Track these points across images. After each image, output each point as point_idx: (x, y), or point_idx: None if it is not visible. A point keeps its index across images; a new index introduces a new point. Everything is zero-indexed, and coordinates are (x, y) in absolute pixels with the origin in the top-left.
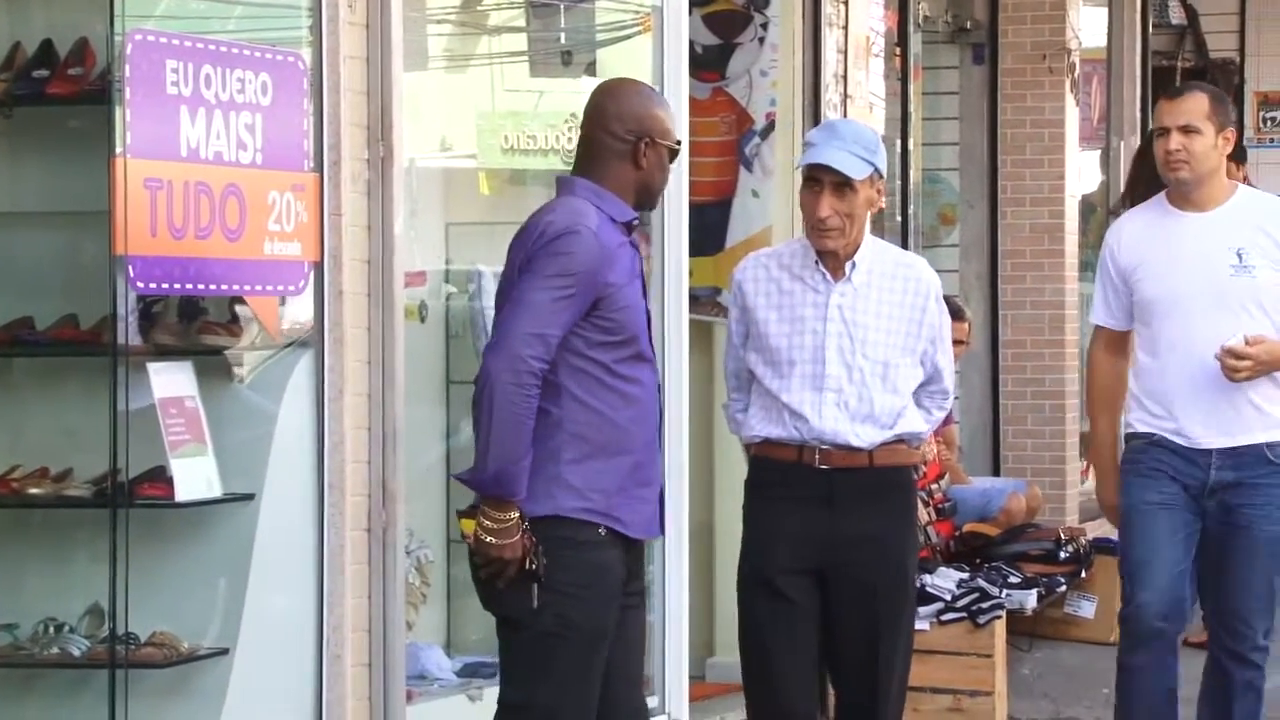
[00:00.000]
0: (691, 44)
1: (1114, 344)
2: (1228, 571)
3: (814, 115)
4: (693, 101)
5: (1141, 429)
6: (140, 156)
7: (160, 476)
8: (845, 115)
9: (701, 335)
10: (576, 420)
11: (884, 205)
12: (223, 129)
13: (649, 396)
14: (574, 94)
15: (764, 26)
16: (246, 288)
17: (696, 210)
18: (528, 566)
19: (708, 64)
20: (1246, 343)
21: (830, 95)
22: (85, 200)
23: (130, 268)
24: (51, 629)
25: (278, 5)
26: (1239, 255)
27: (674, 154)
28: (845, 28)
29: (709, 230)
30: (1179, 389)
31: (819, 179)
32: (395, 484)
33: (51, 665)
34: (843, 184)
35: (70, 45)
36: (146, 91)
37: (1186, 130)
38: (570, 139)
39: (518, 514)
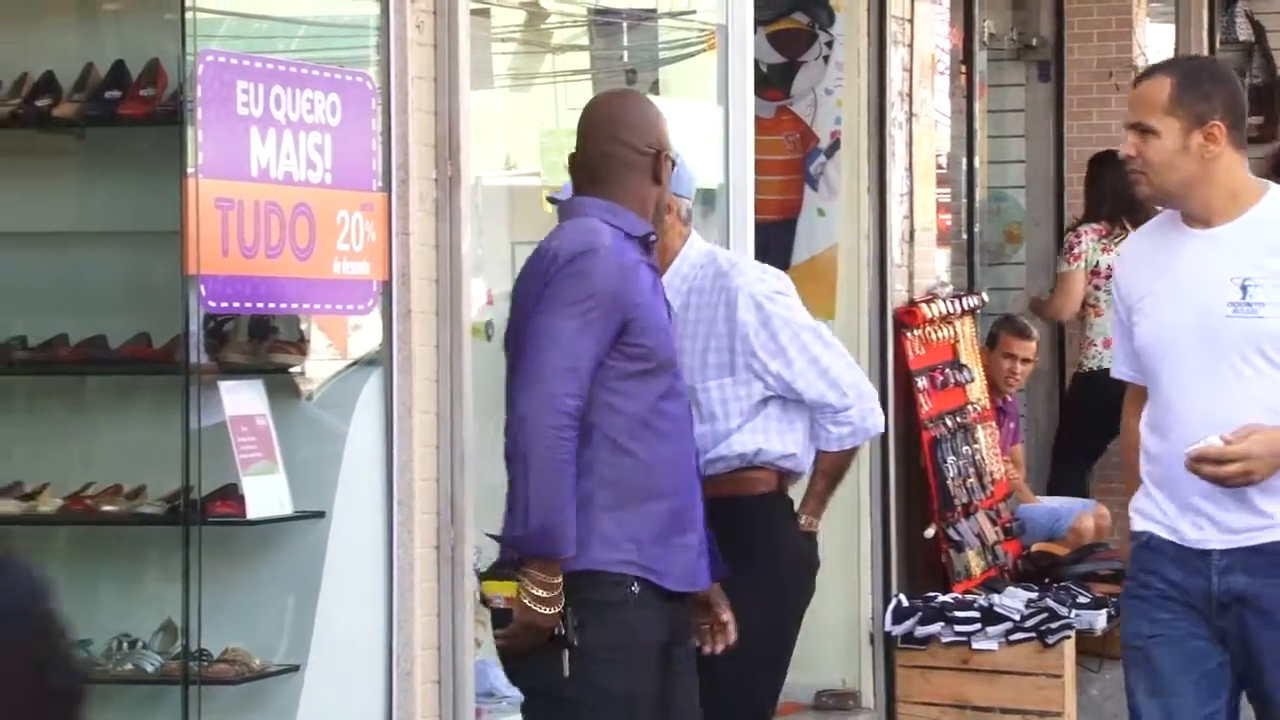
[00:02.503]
0: (756, 62)
1: (1141, 401)
2: (1264, 690)
3: (879, 133)
4: (757, 120)
5: (1138, 525)
6: (211, 176)
7: (232, 494)
8: (910, 133)
9: None
10: (608, 463)
11: (670, 221)
12: (292, 149)
13: (685, 433)
14: None
15: (829, 45)
16: (316, 306)
17: (762, 229)
18: (557, 632)
19: (772, 82)
20: (1226, 441)
21: (895, 113)
22: (157, 220)
23: (201, 287)
24: (125, 645)
25: (344, 25)
26: (1243, 289)
27: (673, 166)
28: (910, 45)
29: (774, 249)
30: (1170, 469)
31: None
32: (464, 502)
33: (125, 681)
34: None
35: (142, 66)
36: (217, 112)
37: (1141, 130)
38: None
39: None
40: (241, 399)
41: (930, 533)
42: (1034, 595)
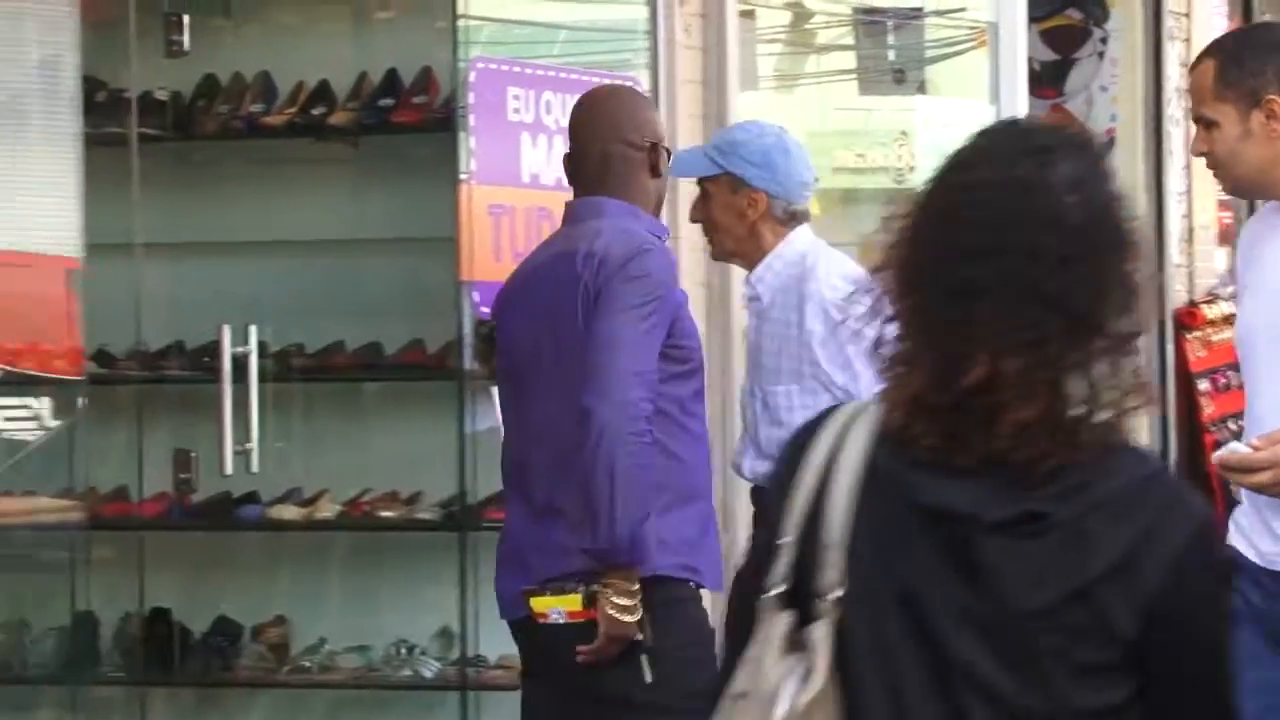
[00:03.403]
0: (1029, 60)
1: None
2: None
3: (1156, 130)
4: None
5: (1229, 538)
6: (484, 183)
7: None
8: (1188, 130)
9: None
10: (656, 466)
11: (757, 217)
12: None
13: (706, 433)
14: (905, 111)
15: (1103, 41)
16: None
17: None
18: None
19: (1045, 80)
20: (1254, 447)
21: (1172, 109)
22: (431, 226)
23: (475, 293)
24: (404, 651)
25: (605, 30)
26: None
27: (669, 157)
28: (1188, 40)
29: None
30: None
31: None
32: (736, 508)
33: (403, 687)
34: (701, 186)
35: (414, 74)
36: (489, 119)
37: (1205, 123)
38: (900, 157)
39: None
40: None
41: None
42: None
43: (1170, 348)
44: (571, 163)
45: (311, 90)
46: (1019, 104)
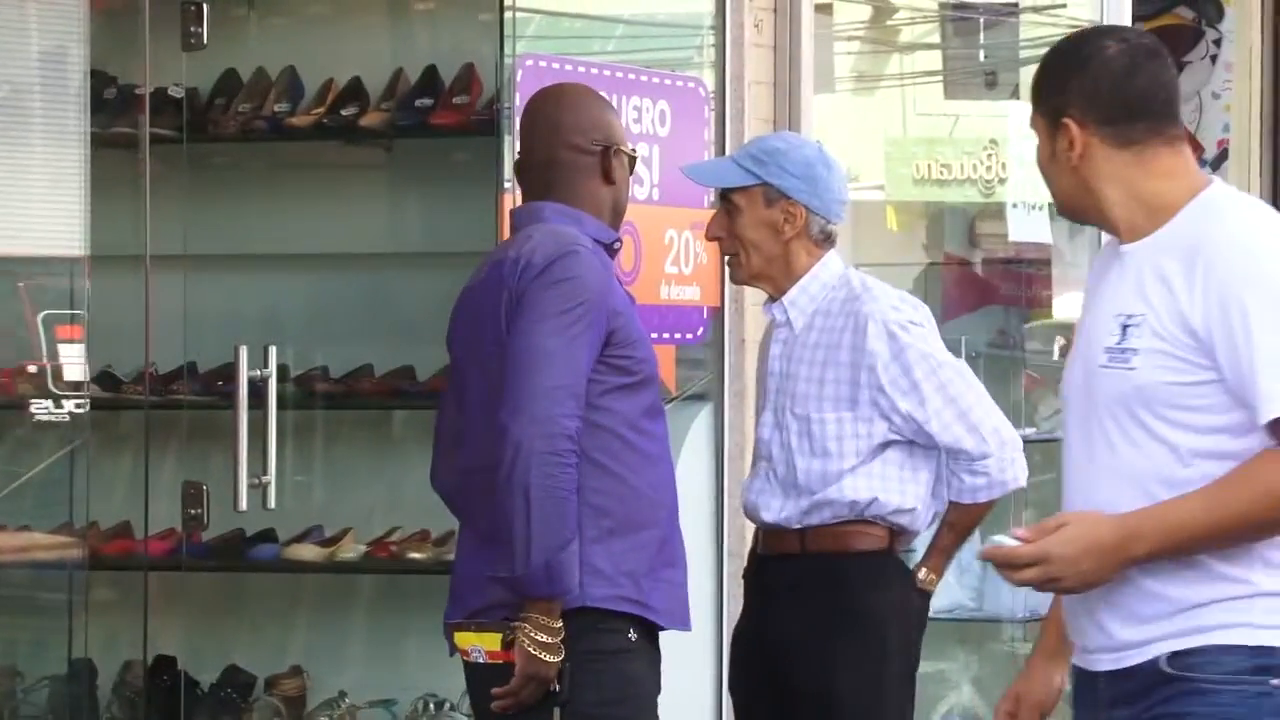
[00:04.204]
0: None
1: None
2: None
3: (1274, 142)
4: None
5: None
6: None
7: None
8: None
9: None
10: (595, 488)
11: (793, 234)
12: None
13: (667, 455)
14: (996, 118)
15: (1216, 43)
16: None
17: None
18: (552, 686)
19: None
20: (1023, 539)
21: None
22: (471, 239)
23: None
24: (432, 706)
25: (665, 25)
26: (1122, 329)
27: (633, 164)
28: None
29: None
30: None
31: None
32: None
33: None
34: (726, 199)
35: (456, 71)
36: None
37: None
38: (990, 167)
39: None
40: None
41: None
42: None
43: None
44: (518, 168)
45: (342, 88)
46: None
